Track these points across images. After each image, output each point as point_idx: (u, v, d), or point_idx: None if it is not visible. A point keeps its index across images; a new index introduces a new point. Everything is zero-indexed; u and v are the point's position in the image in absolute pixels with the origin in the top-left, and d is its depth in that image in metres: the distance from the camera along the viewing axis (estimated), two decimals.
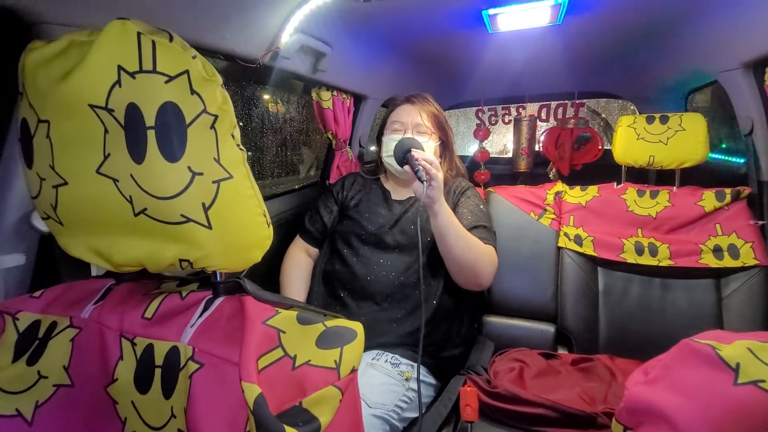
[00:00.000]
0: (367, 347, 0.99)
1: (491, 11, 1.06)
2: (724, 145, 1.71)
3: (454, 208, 1.10)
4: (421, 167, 0.91)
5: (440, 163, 1.16)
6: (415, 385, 0.96)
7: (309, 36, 1.05)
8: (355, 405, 0.44)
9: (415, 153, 0.94)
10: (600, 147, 1.83)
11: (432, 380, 1.05)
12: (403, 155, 0.95)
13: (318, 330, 0.45)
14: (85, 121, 0.39)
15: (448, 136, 1.18)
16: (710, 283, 1.19)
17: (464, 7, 1.06)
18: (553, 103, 2.08)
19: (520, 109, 2.10)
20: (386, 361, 0.96)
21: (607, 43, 1.36)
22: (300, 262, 1.17)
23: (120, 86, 0.38)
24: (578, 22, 1.16)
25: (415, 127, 1.10)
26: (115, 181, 0.41)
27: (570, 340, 1.28)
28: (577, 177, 1.72)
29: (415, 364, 0.98)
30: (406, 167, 0.93)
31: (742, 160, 1.47)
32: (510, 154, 2.20)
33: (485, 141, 2.06)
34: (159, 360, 0.45)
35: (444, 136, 1.16)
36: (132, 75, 0.38)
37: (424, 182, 0.89)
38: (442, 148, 1.17)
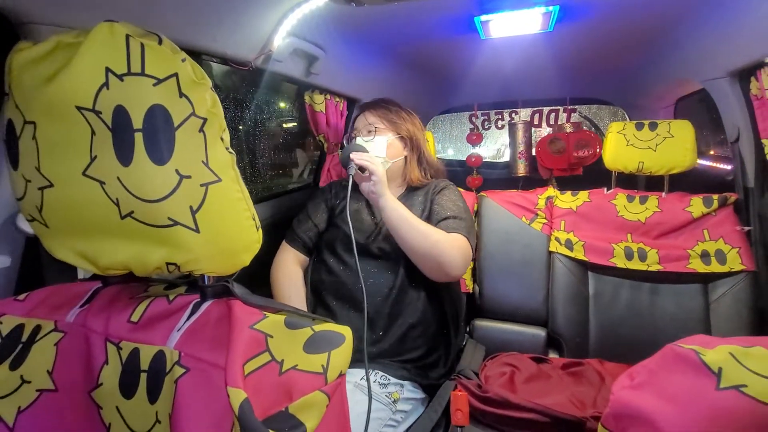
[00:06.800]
0: (358, 359, 0.98)
1: (483, 18, 1.07)
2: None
3: (430, 207, 1.10)
4: (354, 165, 1.01)
5: (407, 159, 1.16)
6: (403, 406, 0.96)
7: (302, 39, 1.05)
8: (343, 410, 0.44)
9: (354, 155, 1.02)
10: (575, 154, 1.80)
11: (420, 394, 1.03)
12: (347, 160, 1.04)
13: (306, 334, 0.45)
14: (71, 122, 0.39)
15: (412, 132, 1.16)
16: (698, 288, 1.21)
17: (457, 13, 1.07)
18: (546, 109, 2.10)
19: (513, 114, 2.11)
20: (375, 381, 0.95)
21: (597, 51, 1.38)
22: (291, 273, 1.13)
23: (108, 88, 0.37)
24: (569, 30, 1.18)
25: (365, 127, 1.14)
26: (101, 183, 0.40)
27: (561, 344, 1.29)
28: (568, 182, 1.74)
29: (404, 382, 0.99)
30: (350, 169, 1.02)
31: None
32: (504, 158, 2.21)
33: (478, 145, 2.07)
34: (144, 364, 0.44)
35: (403, 131, 1.15)
36: (120, 77, 0.37)
37: (349, 169, 1.01)
38: (404, 144, 1.16)
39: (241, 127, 1.45)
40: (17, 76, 0.41)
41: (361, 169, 1.01)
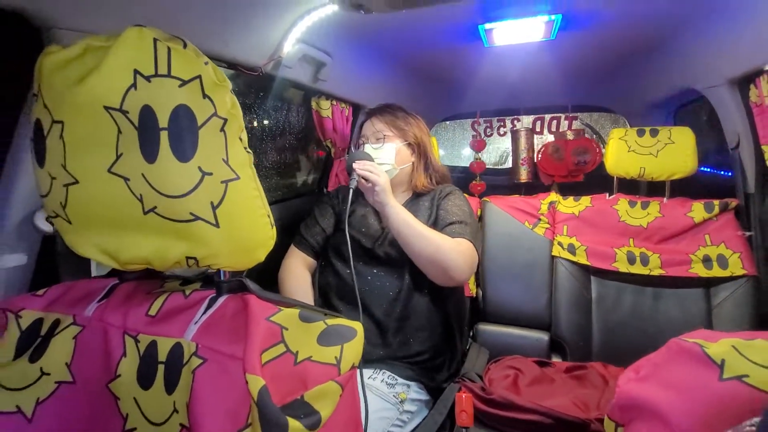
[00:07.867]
0: (365, 360, 0.99)
1: (487, 26, 1.10)
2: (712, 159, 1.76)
3: (436, 213, 1.11)
4: (356, 176, 1.01)
5: (414, 165, 1.16)
6: (409, 407, 0.97)
7: (310, 46, 1.08)
8: (354, 400, 0.45)
9: (356, 165, 1.02)
10: (574, 160, 1.82)
11: (425, 396, 1.04)
12: (351, 169, 1.04)
13: (319, 328, 0.46)
14: (99, 121, 0.41)
15: (419, 138, 1.17)
16: (700, 293, 1.21)
17: (461, 21, 1.10)
18: (547, 116, 2.12)
19: (515, 121, 2.14)
20: (382, 381, 0.96)
21: (598, 59, 1.41)
22: (300, 276, 1.14)
23: (135, 89, 0.39)
24: (571, 38, 1.21)
25: (373, 135, 1.14)
26: (126, 180, 0.42)
27: (564, 348, 1.30)
28: (570, 188, 1.75)
29: (411, 383, 1.00)
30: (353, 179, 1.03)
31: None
32: (507, 165, 2.22)
33: (481, 152, 2.09)
34: (162, 356, 0.46)
35: (411, 138, 1.15)
36: (147, 78, 0.39)
37: (351, 181, 1.02)
38: (412, 150, 1.16)
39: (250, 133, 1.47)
40: (47, 77, 0.43)
41: (365, 178, 1.01)
